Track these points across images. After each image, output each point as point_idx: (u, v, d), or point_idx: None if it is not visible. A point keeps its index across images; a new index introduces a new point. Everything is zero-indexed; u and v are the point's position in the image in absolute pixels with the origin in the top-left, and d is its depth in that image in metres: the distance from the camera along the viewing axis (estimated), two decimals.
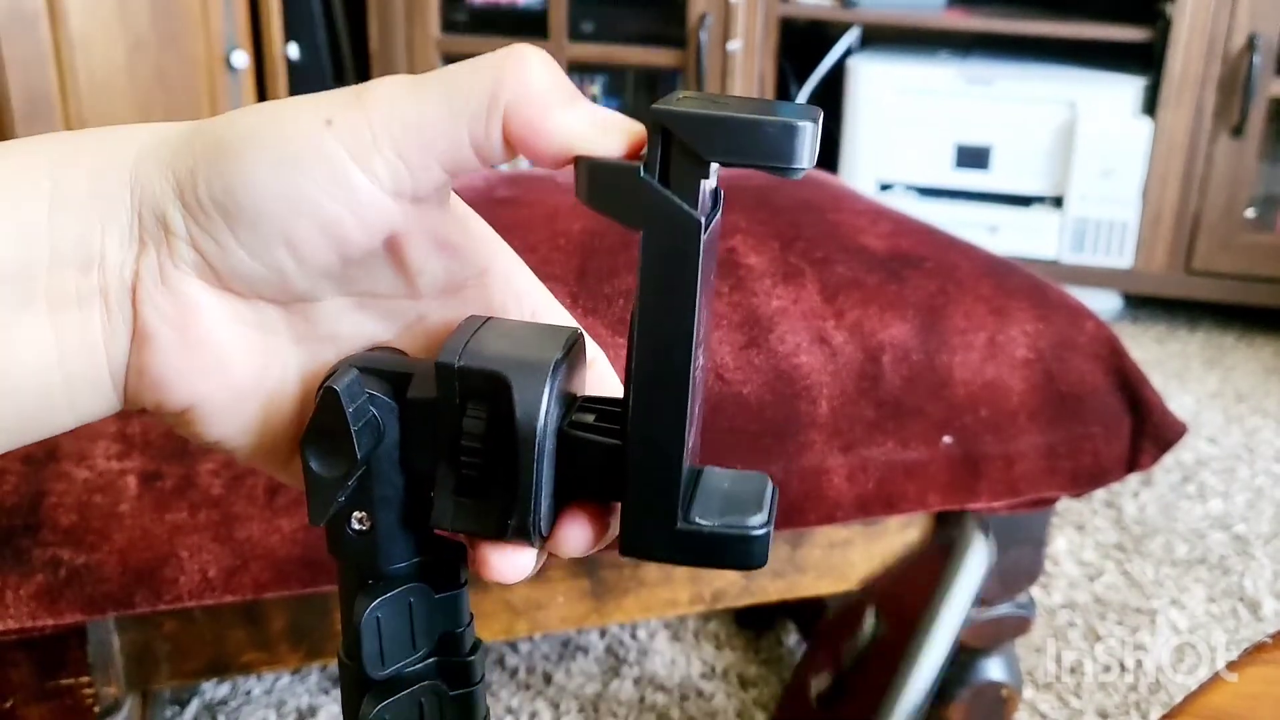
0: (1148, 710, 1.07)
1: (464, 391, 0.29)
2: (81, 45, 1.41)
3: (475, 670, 0.33)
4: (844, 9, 2.07)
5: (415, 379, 0.30)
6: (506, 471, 0.29)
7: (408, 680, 0.32)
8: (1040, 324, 0.82)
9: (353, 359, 0.30)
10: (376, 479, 0.30)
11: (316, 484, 0.29)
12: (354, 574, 0.32)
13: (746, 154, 0.26)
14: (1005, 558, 0.84)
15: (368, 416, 0.29)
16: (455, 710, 0.33)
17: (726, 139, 0.26)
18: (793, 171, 0.26)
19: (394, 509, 0.30)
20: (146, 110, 1.55)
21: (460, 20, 2.13)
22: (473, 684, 0.33)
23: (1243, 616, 1.22)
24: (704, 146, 0.26)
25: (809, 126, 0.26)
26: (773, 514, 0.29)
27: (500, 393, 0.28)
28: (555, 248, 0.76)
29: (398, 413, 0.30)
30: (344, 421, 0.28)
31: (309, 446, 0.29)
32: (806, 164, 0.26)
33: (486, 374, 0.28)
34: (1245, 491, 1.47)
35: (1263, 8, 1.83)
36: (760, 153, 0.26)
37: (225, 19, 1.65)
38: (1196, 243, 1.96)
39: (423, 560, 0.32)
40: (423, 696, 0.33)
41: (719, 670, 1.12)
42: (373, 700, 0.32)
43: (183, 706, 1.06)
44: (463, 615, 0.33)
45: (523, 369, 0.28)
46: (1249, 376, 1.84)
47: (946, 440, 0.77)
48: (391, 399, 0.30)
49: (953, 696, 0.89)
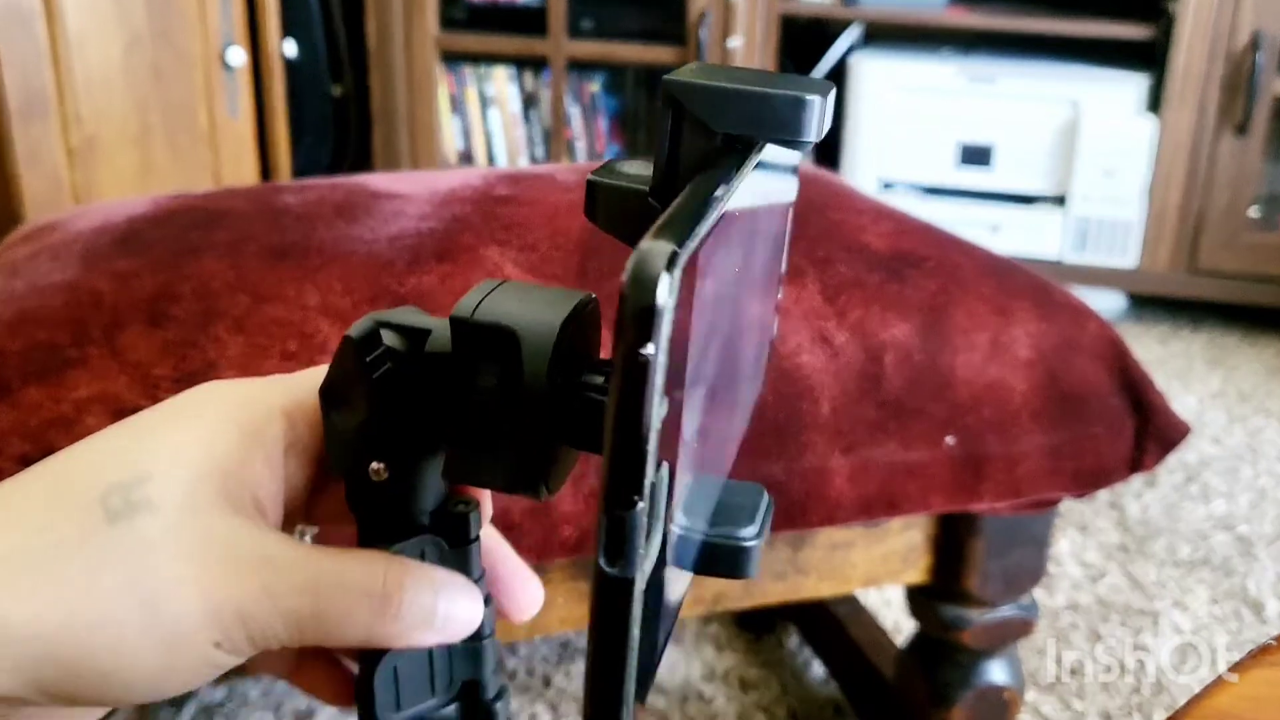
0: (1150, 712, 1.06)
1: (476, 346, 0.29)
2: (78, 43, 1.40)
3: (499, 715, 0.34)
4: (845, 6, 2.06)
5: (433, 334, 0.30)
6: (516, 427, 0.29)
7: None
8: (1043, 324, 0.81)
9: (375, 314, 0.31)
10: (394, 430, 0.31)
11: (334, 433, 0.30)
12: (371, 530, 0.32)
13: (755, 126, 0.26)
14: (1008, 559, 0.84)
15: (384, 367, 0.30)
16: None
17: (736, 111, 0.26)
18: (800, 144, 0.27)
19: (411, 461, 0.31)
20: (143, 107, 1.54)
21: (458, 17, 2.12)
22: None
23: (1246, 618, 1.22)
24: (713, 118, 0.26)
25: (817, 100, 0.26)
26: (765, 526, 0.29)
27: (510, 348, 0.29)
28: (555, 246, 0.75)
29: (416, 366, 0.30)
30: (359, 370, 0.29)
31: (327, 395, 0.30)
32: (814, 137, 0.26)
33: (497, 329, 0.29)
34: (1248, 492, 1.47)
35: (1267, 6, 1.83)
36: (768, 125, 0.26)
37: (222, 16, 1.64)
38: (1200, 242, 1.95)
39: (437, 517, 0.32)
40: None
41: (719, 673, 1.12)
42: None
43: (179, 709, 1.06)
44: (485, 664, 0.34)
45: (532, 326, 0.29)
46: (1252, 376, 1.83)
47: (949, 441, 0.76)
48: (409, 353, 0.30)
49: (954, 699, 0.89)
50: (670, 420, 0.22)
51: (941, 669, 0.89)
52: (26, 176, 1.37)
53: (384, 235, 0.75)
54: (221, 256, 0.72)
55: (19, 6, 1.32)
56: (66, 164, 1.41)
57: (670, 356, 0.21)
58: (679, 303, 0.21)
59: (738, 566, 0.29)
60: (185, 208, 0.81)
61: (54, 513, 0.28)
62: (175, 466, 0.28)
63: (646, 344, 0.20)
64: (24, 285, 0.72)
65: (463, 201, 0.80)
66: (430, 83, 2.13)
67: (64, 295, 0.70)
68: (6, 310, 0.70)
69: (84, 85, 1.42)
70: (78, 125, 1.42)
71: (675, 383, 0.22)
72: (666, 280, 0.20)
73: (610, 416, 0.21)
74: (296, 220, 0.77)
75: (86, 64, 1.42)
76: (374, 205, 0.80)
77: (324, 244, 0.74)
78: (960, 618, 0.86)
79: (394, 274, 0.71)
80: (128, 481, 0.28)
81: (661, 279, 0.20)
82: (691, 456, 0.26)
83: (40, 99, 1.36)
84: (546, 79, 2.17)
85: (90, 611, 0.27)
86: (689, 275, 0.22)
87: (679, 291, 0.21)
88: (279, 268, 0.71)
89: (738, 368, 0.31)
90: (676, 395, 0.22)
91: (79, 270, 0.72)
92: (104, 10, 1.45)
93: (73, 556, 0.27)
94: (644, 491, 0.21)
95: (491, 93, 2.22)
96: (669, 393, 0.22)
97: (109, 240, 0.75)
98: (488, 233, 0.75)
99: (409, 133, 2.16)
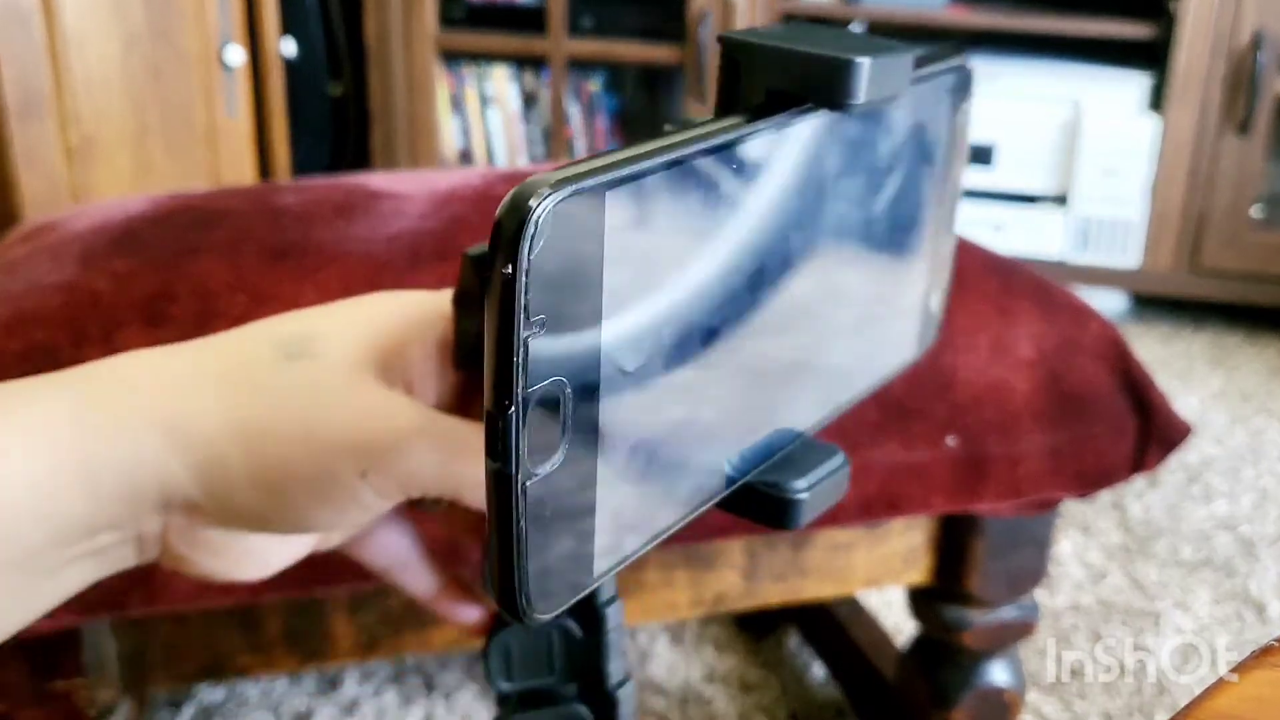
0: (1152, 713, 1.06)
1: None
2: (76, 41, 1.40)
3: (621, 704, 0.35)
4: (846, 5, 2.06)
5: None
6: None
7: (547, 698, 0.35)
8: (1045, 324, 0.81)
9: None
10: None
11: (463, 336, 0.33)
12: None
13: (798, 85, 0.27)
14: (1009, 559, 0.83)
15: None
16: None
17: (779, 69, 0.27)
18: (846, 106, 0.27)
19: None
20: (141, 106, 1.54)
21: (458, 16, 2.12)
22: (618, 718, 0.35)
23: (1248, 619, 1.21)
24: (757, 75, 0.27)
25: (866, 62, 0.27)
26: (828, 486, 0.30)
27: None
28: None
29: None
30: (477, 282, 0.32)
31: (456, 302, 0.33)
32: (860, 99, 0.27)
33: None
34: (1250, 492, 1.46)
35: (1269, 5, 1.82)
36: (810, 85, 0.27)
37: (220, 14, 1.64)
38: (1202, 242, 1.95)
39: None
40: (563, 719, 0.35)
41: (719, 674, 1.11)
42: (507, 713, 0.35)
43: (178, 709, 1.05)
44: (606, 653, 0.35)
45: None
46: (1254, 376, 1.83)
47: (950, 441, 0.76)
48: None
49: (955, 700, 0.89)
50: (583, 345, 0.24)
51: (942, 670, 0.89)
52: (24, 176, 1.36)
53: (383, 235, 0.75)
54: (220, 256, 0.72)
55: (17, 6, 1.32)
56: (64, 163, 1.41)
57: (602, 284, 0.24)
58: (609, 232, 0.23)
59: (781, 517, 0.30)
60: (183, 207, 0.80)
61: (238, 349, 0.32)
62: (342, 332, 0.32)
63: (507, 265, 0.23)
64: (22, 285, 0.72)
65: (462, 201, 0.80)
66: (429, 82, 2.12)
67: (62, 295, 0.69)
68: (4, 310, 0.69)
69: (82, 85, 1.42)
70: (76, 125, 1.42)
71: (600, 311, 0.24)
72: (529, 212, 0.22)
73: (487, 331, 0.23)
74: (295, 220, 0.77)
75: (84, 63, 1.42)
76: (373, 205, 0.80)
77: (323, 244, 0.74)
78: (961, 618, 0.86)
79: (393, 274, 0.71)
80: (302, 335, 0.32)
81: (530, 208, 0.22)
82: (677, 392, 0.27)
83: (38, 98, 1.36)
84: (546, 78, 2.16)
85: (261, 424, 0.31)
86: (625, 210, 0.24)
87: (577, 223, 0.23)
88: (277, 267, 0.71)
89: (796, 323, 0.30)
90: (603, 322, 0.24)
91: (77, 270, 0.72)
92: (102, 10, 1.45)
93: (251, 381, 0.31)
94: (514, 398, 0.23)
95: (491, 92, 2.21)
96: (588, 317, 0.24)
97: (107, 240, 0.75)
98: (487, 232, 0.75)
99: (408, 132, 2.15)
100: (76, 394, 0.31)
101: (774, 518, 0.30)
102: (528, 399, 0.23)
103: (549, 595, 0.25)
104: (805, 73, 0.27)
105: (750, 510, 0.30)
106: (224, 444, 0.30)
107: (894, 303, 0.35)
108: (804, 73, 0.27)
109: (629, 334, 0.25)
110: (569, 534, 0.25)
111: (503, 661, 0.35)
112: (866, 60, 0.26)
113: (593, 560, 0.26)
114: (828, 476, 0.31)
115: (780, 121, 0.27)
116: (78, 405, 0.30)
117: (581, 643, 0.35)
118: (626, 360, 0.25)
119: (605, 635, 0.35)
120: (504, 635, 0.35)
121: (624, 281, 0.25)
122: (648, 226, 0.25)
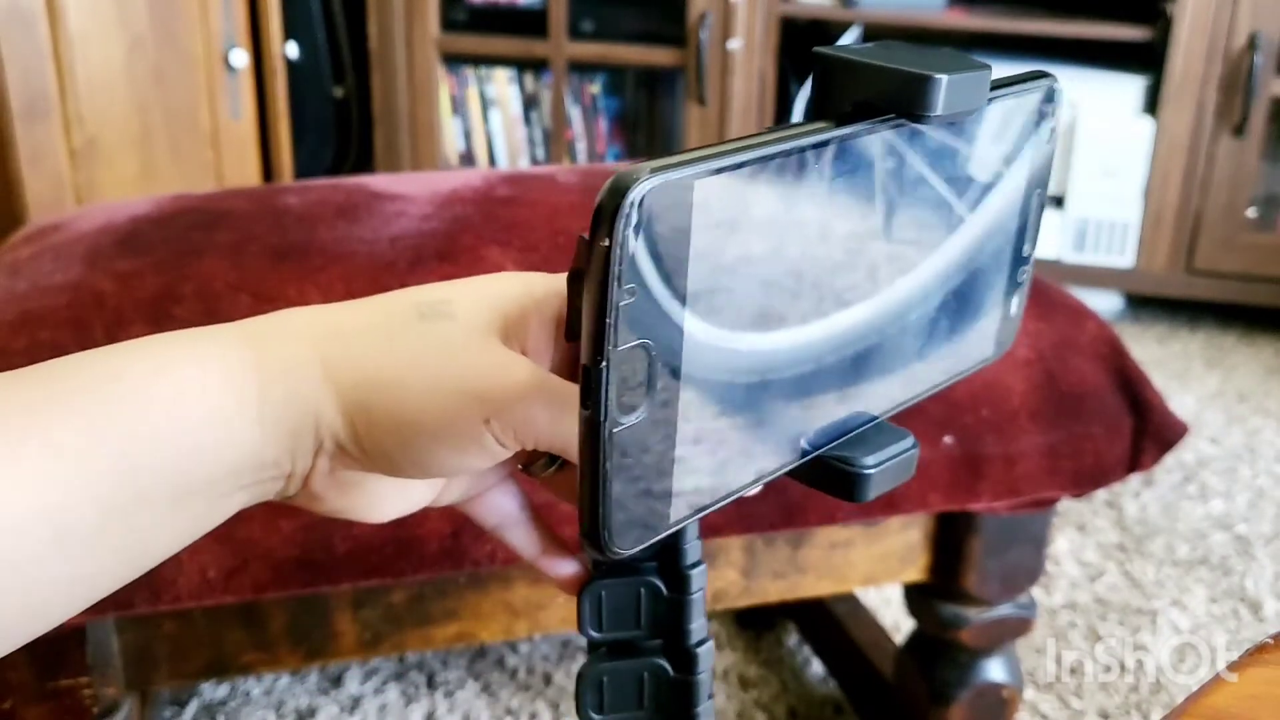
0: (1149, 711, 1.07)
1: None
2: (80, 44, 1.41)
3: (700, 661, 0.38)
4: (845, 8, 2.07)
5: None
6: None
7: (633, 650, 0.38)
8: (1041, 324, 0.82)
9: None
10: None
11: (573, 311, 0.35)
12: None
13: (878, 97, 0.30)
14: (1006, 558, 0.84)
15: None
16: (675, 694, 0.38)
17: (862, 82, 0.30)
18: (924, 118, 0.30)
19: None
20: (145, 108, 1.54)
21: (460, 19, 2.12)
22: (696, 673, 0.38)
23: (1244, 617, 1.22)
24: (848, 89, 0.30)
25: (944, 79, 0.29)
26: (897, 465, 0.34)
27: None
28: (555, 247, 0.76)
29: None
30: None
31: (570, 284, 0.35)
32: (938, 111, 0.30)
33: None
34: (1246, 492, 1.47)
35: (1264, 7, 1.83)
36: (891, 97, 0.30)
37: (224, 17, 1.65)
38: (1198, 242, 1.96)
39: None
40: (645, 671, 0.38)
41: (719, 671, 1.12)
42: (596, 660, 0.38)
43: (182, 707, 1.06)
44: (688, 613, 0.38)
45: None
46: (1250, 376, 1.84)
47: (947, 440, 0.76)
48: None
49: (953, 697, 0.89)
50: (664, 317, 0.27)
51: (940, 667, 0.90)
52: (29, 177, 1.37)
53: (385, 236, 0.76)
54: (223, 257, 0.73)
55: (21, 8, 1.33)
56: (69, 165, 1.42)
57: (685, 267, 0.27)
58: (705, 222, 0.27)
59: (848, 489, 0.33)
60: (187, 208, 0.81)
61: (384, 308, 0.36)
62: (474, 300, 0.36)
63: (605, 239, 0.26)
64: (27, 285, 0.73)
65: (464, 202, 0.80)
66: (431, 84, 2.13)
67: (67, 295, 0.70)
68: (10, 310, 0.70)
69: (86, 87, 1.43)
70: (80, 126, 1.43)
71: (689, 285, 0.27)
72: (625, 195, 0.25)
73: (586, 295, 0.26)
74: (298, 221, 0.78)
75: (89, 65, 1.43)
76: (375, 206, 0.80)
77: (325, 244, 0.74)
78: (959, 616, 0.86)
79: (395, 274, 0.71)
80: (439, 299, 0.36)
81: (627, 192, 0.25)
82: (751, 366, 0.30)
83: (42, 100, 1.37)
84: (547, 80, 2.17)
85: (399, 373, 0.34)
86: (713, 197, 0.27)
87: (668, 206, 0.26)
88: (281, 268, 0.72)
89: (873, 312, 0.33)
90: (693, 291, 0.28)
91: (81, 270, 0.72)
92: (106, 12, 1.46)
93: (390, 334, 0.35)
94: (605, 354, 0.26)
95: (492, 94, 2.22)
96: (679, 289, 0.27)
97: (111, 241, 0.76)
98: (489, 233, 0.76)
99: (410, 134, 2.16)
100: (247, 336, 0.34)
101: (843, 489, 0.33)
102: (617, 357, 0.26)
103: (628, 534, 0.29)
104: (889, 86, 0.30)
105: (821, 481, 0.33)
106: (368, 390, 0.34)
107: (973, 302, 0.38)
108: (887, 86, 0.30)
109: (712, 309, 0.28)
110: (648, 481, 0.29)
111: (594, 611, 0.38)
112: (945, 76, 0.29)
113: (670, 507, 0.30)
114: (896, 457, 0.34)
115: (864, 128, 0.30)
116: (248, 347, 0.34)
117: (667, 601, 0.38)
118: (709, 332, 0.28)
119: (689, 595, 0.38)
120: (597, 587, 0.38)
121: (709, 261, 0.28)
122: (734, 214, 0.28)
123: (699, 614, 0.39)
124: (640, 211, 0.26)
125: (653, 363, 0.27)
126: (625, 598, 0.38)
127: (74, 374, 0.33)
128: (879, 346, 0.34)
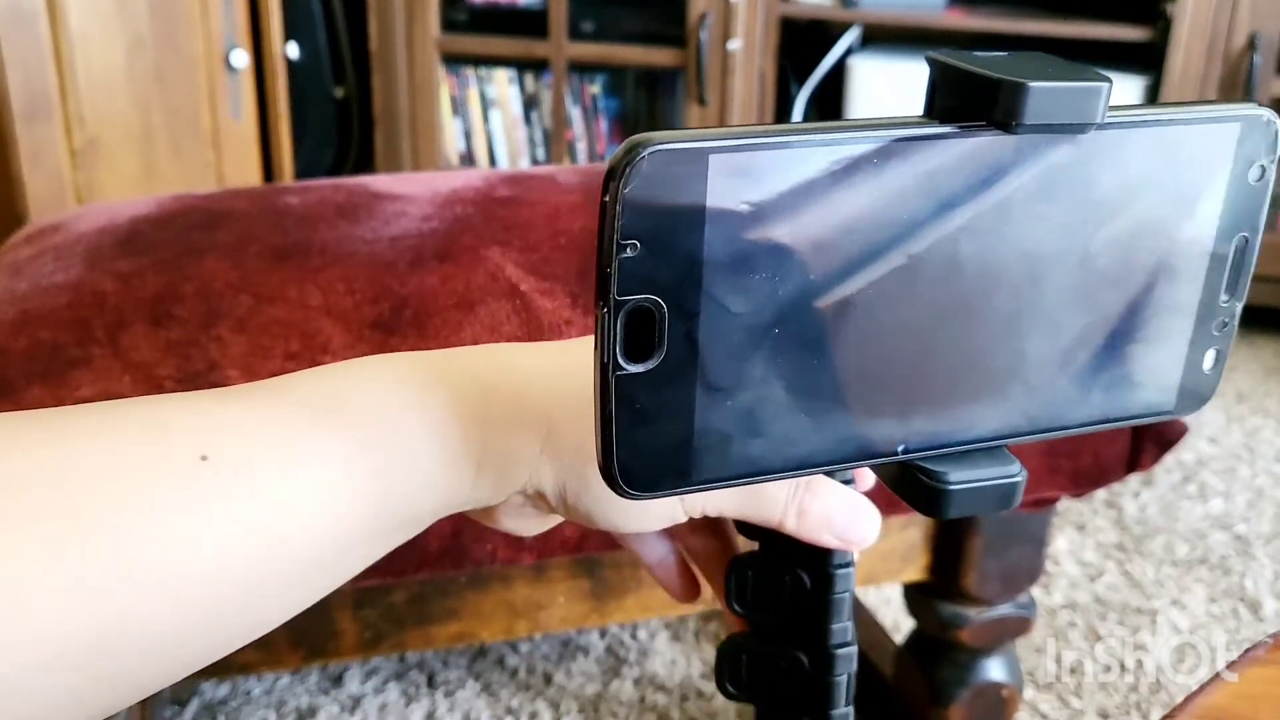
0: (1148, 710, 1.07)
1: None
2: (81, 44, 1.41)
3: (838, 663, 0.39)
4: (844, 9, 2.07)
5: None
6: None
7: (775, 638, 0.39)
8: None
9: None
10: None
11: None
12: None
13: (970, 104, 0.29)
14: (1006, 557, 0.84)
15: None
16: (812, 691, 0.39)
17: (958, 88, 0.29)
18: (1011, 128, 0.29)
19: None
20: (145, 108, 1.55)
21: (460, 19, 2.12)
22: (834, 675, 0.39)
23: (1243, 617, 1.22)
24: (943, 93, 0.29)
25: (1032, 86, 0.28)
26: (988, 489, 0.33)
27: None
28: (556, 247, 0.76)
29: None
30: None
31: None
32: (1023, 119, 0.28)
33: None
34: (1246, 491, 1.47)
35: (1263, 7, 1.83)
36: (984, 103, 0.29)
37: (224, 18, 1.65)
38: None
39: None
40: (783, 660, 0.39)
41: None
42: (737, 635, 0.39)
43: (182, 706, 1.06)
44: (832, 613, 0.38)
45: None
46: (1250, 376, 1.84)
47: None
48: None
49: (953, 697, 0.89)
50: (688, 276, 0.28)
51: (940, 667, 0.90)
52: (30, 177, 1.37)
53: (386, 236, 0.76)
54: (224, 257, 0.73)
55: (22, 8, 1.33)
56: (69, 165, 1.42)
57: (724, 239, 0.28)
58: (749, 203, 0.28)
59: (925, 502, 0.32)
60: (188, 208, 0.81)
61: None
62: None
63: (606, 195, 0.27)
64: (27, 285, 0.73)
65: (464, 202, 0.81)
66: (432, 84, 2.13)
67: (67, 295, 0.70)
68: (10, 310, 0.70)
69: (87, 87, 1.43)
70: (80, 126, 1.43)
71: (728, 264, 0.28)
72: (626, 157, 0.26)
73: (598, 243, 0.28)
74: (299, 221, 0.78)
75: (89, 66, 1.43)
76: (376, 206, 0.80)
77: (326, 245, 0.74)
78: (958, 616, 0.86)
79: (396, 274, 0.71)
80: None
81: (629, 155, 0.26)
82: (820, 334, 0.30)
83: (43, 100, 1.37)
84: (547, 81, 2.17)
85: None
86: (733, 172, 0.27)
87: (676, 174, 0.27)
88: (281, 268, 0.72)
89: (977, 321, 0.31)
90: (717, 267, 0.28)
91: (82, 270, 0.72)
92: (107, 12, 1.46)
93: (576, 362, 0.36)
94: (608, 301, 0.27)
95: (493, 94, 2.22)
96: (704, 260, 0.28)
97: (112, 241, 0.76)
98: (489, 234, 0.76)
99: (411, 134, 2.16)
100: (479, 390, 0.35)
101: (921, 501, 0.33)
102: (620, 305, 0.27)
103: (641, 480, 0.30)
104: (976, 91, 0.29)
105: (903, 488, 0.33)
106: (585, 463, 0.35)
107: (1136, 345, 0.35)
108: (975, 91, 0.29)
109: (735, 281, 0.28)
110: (663, 432, 0.29)
111: (740, 586, 0.39)
112: (1033, 84, 0.28)
113: (691, 464, 0.30)
114: (990, 481, 0.33)
115: (932, 131, 0.29)
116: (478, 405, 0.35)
117: (811, 594, 0.38)
118: (733, 302, 0.29)
119: (831, 595, 0.38)
120: (743, 561, 0.39)
121: (733, 235, 0.28)
122: (762, 194, 0.28)
123: (843, 616, 0.39)
124: (640, 173, 0.26)
125: (662, 319, 0.28)
126: (770, 579, 0.39)
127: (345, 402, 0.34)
128: (987, 368, 0.32)
